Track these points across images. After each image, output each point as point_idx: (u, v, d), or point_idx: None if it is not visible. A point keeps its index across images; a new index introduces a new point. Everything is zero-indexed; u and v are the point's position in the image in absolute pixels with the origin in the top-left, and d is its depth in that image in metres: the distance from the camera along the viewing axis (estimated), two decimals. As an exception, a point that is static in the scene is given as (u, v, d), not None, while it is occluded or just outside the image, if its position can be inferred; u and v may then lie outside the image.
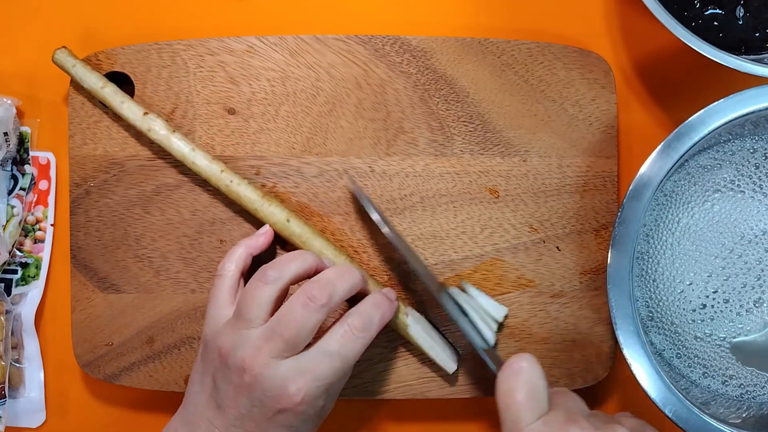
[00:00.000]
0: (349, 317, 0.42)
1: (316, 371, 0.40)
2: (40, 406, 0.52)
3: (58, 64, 0.48)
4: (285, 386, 0.39)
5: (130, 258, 0.49)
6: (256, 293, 0.41)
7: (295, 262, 0.42)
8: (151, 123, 0.47)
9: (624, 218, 0.43)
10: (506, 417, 0.38)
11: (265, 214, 0.46)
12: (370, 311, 0.42)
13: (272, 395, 0.39)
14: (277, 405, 0.39)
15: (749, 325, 0.48)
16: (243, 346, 0.40)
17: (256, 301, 0.41)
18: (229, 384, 0.40)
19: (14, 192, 0.52)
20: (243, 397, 0.40)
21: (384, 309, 0.43)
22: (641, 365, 0.42)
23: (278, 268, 0.42)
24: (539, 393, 0.38)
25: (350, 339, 0.41)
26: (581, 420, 0.37)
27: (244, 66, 0.49)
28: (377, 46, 0.49)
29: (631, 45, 0.52)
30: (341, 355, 0.40)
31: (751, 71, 0.43)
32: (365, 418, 0.52)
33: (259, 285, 0.41)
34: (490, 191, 0.49)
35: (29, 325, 0.52)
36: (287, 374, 0.39)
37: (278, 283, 0.41)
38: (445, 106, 0.49)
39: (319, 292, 0.40)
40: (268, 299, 0.41)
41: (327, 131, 0.49)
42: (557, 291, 0.49)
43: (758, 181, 0.48)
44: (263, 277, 0.41)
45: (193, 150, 0.47)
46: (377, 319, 0.42)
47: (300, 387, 0.39)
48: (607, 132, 0.49)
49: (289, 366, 0.40)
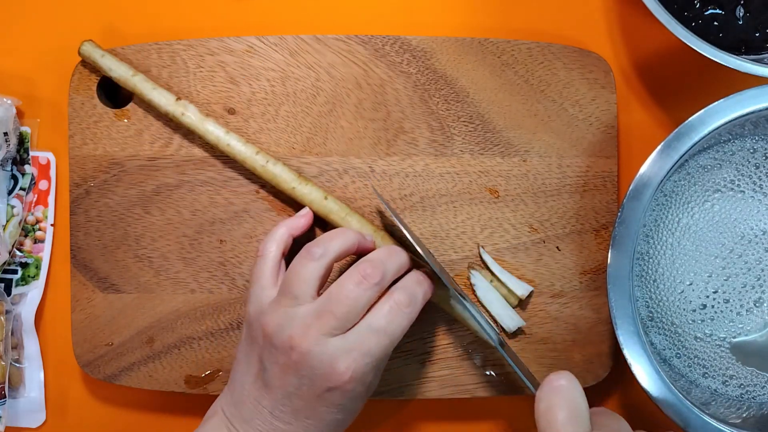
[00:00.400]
0: (394, 293, 0.42)
1: (364, 348, 0.40)
2: (40, 406, 0.52)
3: (85, 56, 0.48)
4: (334, 364, 0.39)
5: (130, 258, 0.49)
6: (302, 270, 0.41)
7: (338, 239, 0.43)
8: (184, 108, 0.47)
9: (624, 218, 0.43)
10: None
11: (302, 193, 0.47)
12: (414, 287, 0.42)
13: (321, 373, 0.39)
14: (326, 383, 0.39)
15: (749, 325, 0.48)
16: (290, 324, 0.40)
17: (303, 277, 0.41)
18: (275, 363, 0.40)
19: (14, 192, 0.52)
20: (291, 375, 0.40)
21: (426, 285, 0.43)
22: (641, 365, 0.42)
23: (323, 245, 0.42)
24: (581, 412, 0.38)
25: (396, 314, 0.41)
26: None
27: (244, 66, 0.49)
28: (377, 46, 0.49)
29: (631, 45, 0.52)
30: (388, 331, 0.40)
31: (751, 71, 0.43)
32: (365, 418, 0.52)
33: (304, 262, 0.41)
34: (490, 191, 0.49)
35: (29, 325, 0.52)
36: (336, 352, 0.39)
37: (324, 260, 0.42)
38: (445, 106, 0.49)
39: (372, 271, 0.41)
40: (315, 276, 0.41)
41: (327, 131, 0.49)
42: (557, 291, 0.49)
43: (758, 181, 0.48)
44: (308, 254, 0.42)
45: (227, 133, 0.47)
46: (420, 295, 0.43)
47: (349, 365, 0.39)
48: (607, 132, 0.49)
49: (338, 344, 0.40)
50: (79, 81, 0.49)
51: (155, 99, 0.47)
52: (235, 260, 0.49)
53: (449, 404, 0.52)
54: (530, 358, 0.49)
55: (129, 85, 0.47)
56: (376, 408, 0.52)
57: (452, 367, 0.49)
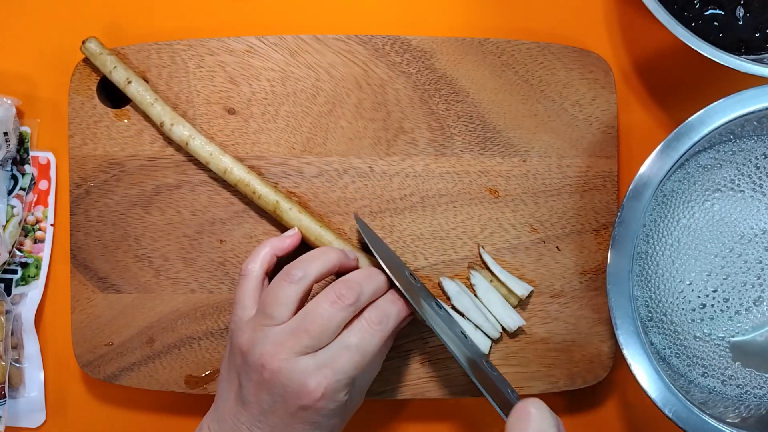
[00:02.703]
0: (366, 312, 0.42)
1: (335, 366, 0.40)
2: (40, 406, 0.52)
3: (88, 53, 0.48)
4: (304, 382, 0.39)
5: (130, 258, 0.49)
6: (280, 292, 0.41)
7: (318, 260, 0.43)
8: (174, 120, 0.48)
9: (624, 218, 0.43)
10: None
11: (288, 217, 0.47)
12: (387, 306, 0.42)
13: (292, 391, 0.39)
14: (298, 401, 0.40)
15: (748, 324, 0.48)
16: (263, 342, 0.40)
17: (280, 299, 0.41)
18: (251, 381, 0.40)
19: (14, 192, 0.52)
20: (264, 393, 0.40)
21: (400, 305, 0.43)
22: (641, 365, 0.42)
23: (303, 267, 0.42)
24: None
25: (368, 333, 0.41)
26: None
27: (244, 66, 0.49)
28: (377, 46, 0.49)
29: (631, 45, 0.52)
30: (359, 348, 0.40)
31: (751, 71, 0.43)
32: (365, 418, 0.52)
33: (283, 284, 0.42)
34: (490, 191, 0.49)
35: (29, 325, 0.52)
36: (306, 369, 0.39)
37: (303, 283, 0.42)
38: (445, 106, 0.49)
39: (347, 291, 0.41)
40: (292, 299, 0.41)
41: (327, 131, 0.49)
42: (557, 291, 0.49)
43: (758, 181, 0.48)
44: (288, 276, 0.42)
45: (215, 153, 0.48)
46: (394, 314, 0.42)
47: (320, 382, 0.39)
48: (607, 132, 0.49)
49: (308, 362, 0.40)
50: (79, 81, 0.49)
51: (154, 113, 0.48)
52: (235, 260, 0.49)
53: (449, 404, 0.52)
54: (530, 358, 0.49)
55: (129, 93, 0.48)
56: (376, 408, 0.52)
57: (452, 367, 0.49)
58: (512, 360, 0.49)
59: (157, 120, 0.47)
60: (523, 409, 0.38)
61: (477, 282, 0.48)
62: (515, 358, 0.49)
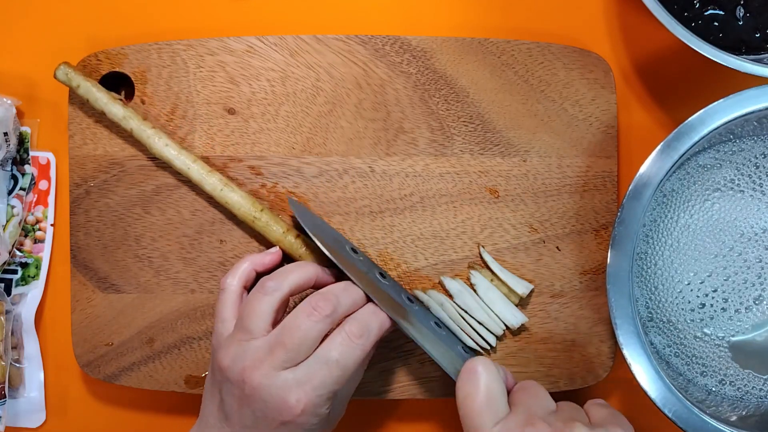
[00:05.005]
0: (346, 324, 0.41)
1: (315, 381, 0.39)
2: (40, 406, 0.52)
3: (60, 80, 0.48)
4: (284, 397, 0.39)
5: (130, 258, 0.49)
6: (256, 304, 0.41)
7: (294, 273, 0.43)
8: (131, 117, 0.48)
9: (624, 218, 0.43)
10: (466, 424, 0.39)
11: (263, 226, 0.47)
12: (368, 318, 0.42)
13: (273, 407, 0.39)
14: (279, 417, 0.39)
15: (748, 323, 0.48)
16: (243, 357, 0.40)
17: (256, 312, 0.41)
18: (232, 396, 0.40)
19: (14, 192, 0.52)
20: (246, 408, 0.40)
21: (381, 317, 0.42)
22: (641, 365, 0.42)
23: (277, 279, 0.42)
24: (496, 397, 0.39)
25: (348, 347, 0.40)
26: (539, 422, 0.38)
27: (244, 66, 0.49)
28: (377, 46, 0.49)
29: (631, 45, 0.52)
30: (340, 363, 0.40)
31: (751, 71, 0.43)
32: (365, 418, 0.52)
33: (258, 296, 0.41)
34: (490, 191, 0.49)
35: (29, 325, 0.52)
36: (286, 385, 0.39)
37: (278, 294, 0.41)
38: (445, 106, 0.49)
39: (323, 303, 0.41)
40: (268, 310, 0.41)
41: (327, 131, 0.49)
42: (557, 291, 0.49)
43: (758, 180, 0.48)
44: (262, 288, 0.42)
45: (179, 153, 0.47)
46: (375, 327, 0.42)
47: (300, 398, 0.39)
48: (607, 132, 0.49)
49: (288, 377, 0.39)
50: (79, 81, 0.49)
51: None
52: (235, 260, 0.49)
53: (449, 404, 0.52)
54: (530, 357, 0.49)
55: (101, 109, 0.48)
56: (376, 408, 0.52)
57: (452, 367, 0.49)
58: (512, 360, 0.49)
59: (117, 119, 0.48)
60: (471, 368, 0.40)
61: (477, 281, 0.48)
62: (515, 358, 0.49)
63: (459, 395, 0.40)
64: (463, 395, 0.40)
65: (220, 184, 0.47)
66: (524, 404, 0.39)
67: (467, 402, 0.39)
